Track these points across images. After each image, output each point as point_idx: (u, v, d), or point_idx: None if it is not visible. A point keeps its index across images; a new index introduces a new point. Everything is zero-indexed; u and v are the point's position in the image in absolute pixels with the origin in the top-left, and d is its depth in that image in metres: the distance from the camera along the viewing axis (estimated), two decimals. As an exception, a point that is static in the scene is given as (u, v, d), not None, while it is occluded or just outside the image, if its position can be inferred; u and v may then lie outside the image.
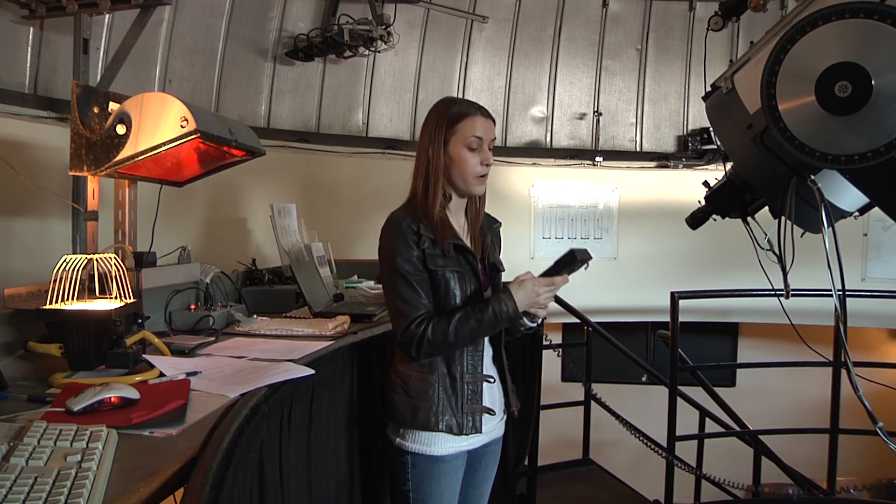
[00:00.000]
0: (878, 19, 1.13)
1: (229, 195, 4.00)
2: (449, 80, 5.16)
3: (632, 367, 4.04)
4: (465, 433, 1.66)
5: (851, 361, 1.42)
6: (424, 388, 1.66)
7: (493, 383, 1.74)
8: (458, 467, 1.73)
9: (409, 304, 1.62)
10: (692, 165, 5.26)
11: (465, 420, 1.66)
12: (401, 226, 1.64)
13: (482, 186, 1.72)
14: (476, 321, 1.60)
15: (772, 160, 1.34)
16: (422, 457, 1.67)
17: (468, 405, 1.67)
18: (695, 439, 3.55)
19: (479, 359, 1.70)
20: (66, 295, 1.62)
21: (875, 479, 5.71)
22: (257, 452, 1.28)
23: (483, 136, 1.68)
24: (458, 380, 1.67)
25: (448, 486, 1.71)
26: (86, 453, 1.03)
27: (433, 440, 1.66)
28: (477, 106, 1.72)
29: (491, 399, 1.73)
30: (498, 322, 1.61)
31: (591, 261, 1.69)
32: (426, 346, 1.60)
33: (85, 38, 2.74)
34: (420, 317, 1.61)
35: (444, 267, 1.65)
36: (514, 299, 1.60)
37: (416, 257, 1.63)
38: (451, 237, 1.67)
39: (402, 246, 1.63)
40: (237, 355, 1.82)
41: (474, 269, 1.70)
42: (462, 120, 1.68)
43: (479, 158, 1.68)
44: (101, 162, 1.90)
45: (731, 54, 4.96)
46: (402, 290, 1.62)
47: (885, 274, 4.92)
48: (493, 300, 1.61)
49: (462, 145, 1.67)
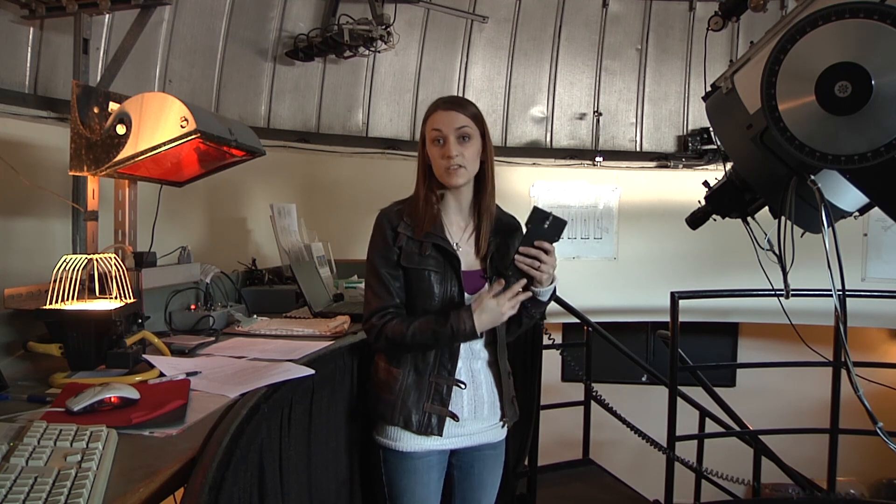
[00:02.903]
0: (878, 19, 1.13)
1: (229, 195, 4.00)
2: (449, 80, 5.16)
3: (632, 367, 4.04)
4: (422, 433, 1.66)
5: (851, 361, 1.42)
6: (389, 380, 1.70)
7: (463, 389, 1.70)
8: (430, 466, 1.72)
9: (376, 296, 1.69)
10: (692, 165, 5.26)
11: (423, 419, 1.66)
12: (382, 222, 1.72)
13: (454, 178, 1.66)
14: (433, 332, 1.61)
15: (772, 160, 1.33)
16: (390, 451, 1.71)
17: (429, 405, 1.67)
18: (695, 439, 3.55)
19: (451, 361, 1.68)
20: (66, 295, 1.62)
21: (875, 479, 5.71)
22: (257, 452, 1.28)
23: (443, 128, 1.65)
24: (425, 377, 1.68)
25: (420, 483, 1.71)
26: (86, 453, 1.03)
27: (398, 436, 1.69)
28: (442, 100, 1.71)
29: (475, 402, 1.71)
30: (455, 337, 1.61)
31: (564, 225, 1.63)
32: (383, 340, 1.66)
33: (85, 38, 2.75)
34: (383, 310, 1.67)
35: (419, 265, 1.66)
36: (473, 319, 1.59)
37: (393, 254, 1.68)
38: (433, 235, 1.67)
39: (378, 241, 1.71)
40: (237, 355, 1.82)
41: (456, 271, 1.67)
42: (428, 118, 1.70)
43: (441, 152, 1.66)
44: (101, 162, 1.90)
45: (731, 54, 4.96)
46: (373, 283, 1.71)
47: (885, 274, 4.92)
48: (452, 316, 1.60)
49: (429, 141, 1.68)
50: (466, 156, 1.66)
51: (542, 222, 1.62)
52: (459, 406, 1.70)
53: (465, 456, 1.77)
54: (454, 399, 1.69)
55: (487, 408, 1.74)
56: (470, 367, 1.73)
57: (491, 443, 1.79)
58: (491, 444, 1.79)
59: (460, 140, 1.65)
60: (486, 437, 1.77)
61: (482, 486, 1.83)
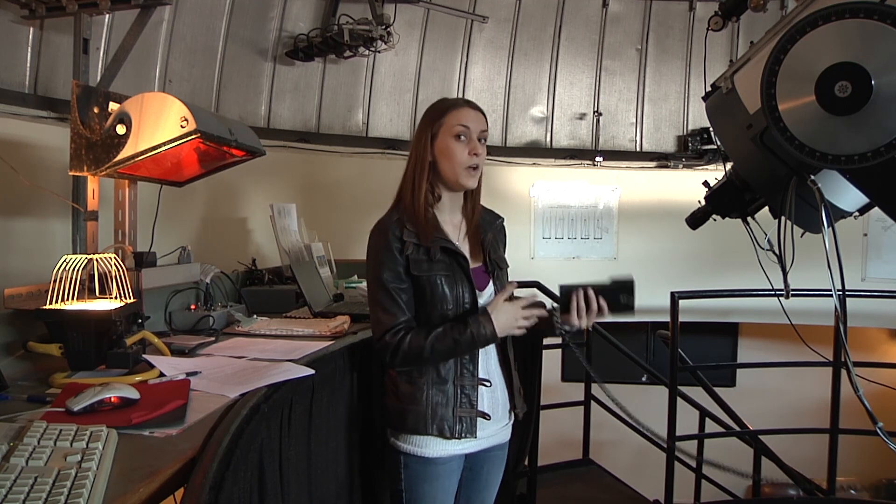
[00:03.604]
0: (878, 19, 1.13)
1: (229, 195, 4.00)
2: (449, 80, 5.16)
3: (632, 367, 4.03)
4: (457, 437, 1.64)
5: (851, 361, 1.41)
6: (413, 392, 1.65)
7: (489, 387, 1.69)
8: (452, 471, 1.70)
9: (387, 313, 1.62)
10: (692, 165, 5.25)
11: (456, 424, 1.64)
12: (386, 233, 1.64)
13: (472, 179, 1.67)
14: (453, 340, 1.58)
15: (772, 160, 1.33)
16: (413, 458, 1.66)
17: (461, 409, 1.65)
18: (695, 439, 3.55)
19: (472, 363, 1.67)
20: (66, 295, 1.62)
21: (875, 479, 5.71)
22: (257, 452, 1.28)
23: (470, 126, 1.64)
24: (450, 384, 1.65)
25: (441, 489, 1.69)
26: (86, 453, 1.03)
27: (424, 442, 1.65)
28: (465, 100, 1.72)
29: (492, 403, 1.70)
30: (475, 343, 1.60)
31: (627, 311, 1.66)
32: (401, 357, 1.60)
33: (85, 38, 2.74)
34: (397, 327, 1.61)
35: (429, 272, 1.63)
36: (493, 323, 1.58)
37: (400, 266, 1.62)
38: (439, 238, 1.65)
39: (385, 255, 1.63)
40: (237, 355, 1.82)
41: (465, 270, 1.66)
42: (449, 112, 1.67)
43: (468, 148, 1.64)
44: (101, 162, 1.90)
45: (731, 54, 4.96)
46: (382, 300, 1.63)
47: (885, 274, 4.92)
48: (472, 322, 1.59)
49: (449, 136, 1.64)
50: (484, 159, 1.68)
51: (622, 293, 1.68)
52: (481, 408, 1.69)
53: (478, 458, 1.76)
54: (479, 400, 1.68)
55: (501, 408, 1.75)
56: (487, 369, 1.72)
57: (500, 444, 1.80)
58: (500, 444, 1.80)
59: (481, 143, 1.67)
60: (497, 439, 1.77)
61: (488, 487, 1.83)
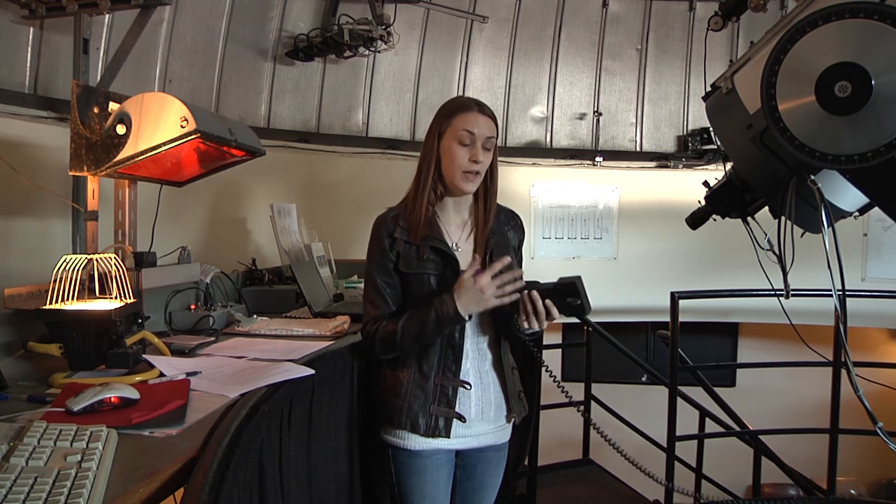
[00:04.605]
0: (878, 19, 1.13)
1: (229, 195, 4.00)
2: (449, 81, 5.16)
3: (632, 367, 4.03)
4: (429, 435, 1.66)
5: (851, 361, 1.41)
6: (395, 385, 1.70)
7: (468, 389, 1.69)
8: (440, 464, 1.71)
9: (371, 304, 1.70)
10: (692, 165, 5.25)
11: (430, 421, 1.66)
12: (379, 229, 1.70)
13: (470, 184, 1.66)
14: (420, 321, 1.59)
15: (772, 160, 1.33)
16: (400, 450, 1.71)
17: (436, 407, 1.66)
18: (695, 439, 3.55)
19: (456, 362, 1.67)
20: (66, 295, 1.62)
21: (875, 479, 5.71)
22: (257, 452, 1.28)
23: (475, 131, 1.64)
24: (431, 382, 1.67)
25: (429, 482, 1.70)
26: (86, 453, 1.03)
27: (405, 435, 1.69)
28: (479, 103, 1.70)
29: (483, 404, 1.71)
30: (441, 322, 1.58)
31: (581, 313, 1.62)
32: (378, 343, 1.66)
33: (85, 38, 2.75)
34: (377, 318, 1.67)
35: (417, 269, 1.65)
36: (455, 300, 1.56)
37: (389, 262, 1.67)
38: (430, 238, 1.66)
39: (375, 250, 1.70)
40: (237, 355, 1.82)
41: (455, 272, 1.65)
42: (458, 114, 1.66)
43: (470, 154, 1.63)
44: (101, 162, 1.90)
45: (731, 54, 4.96)
46: (369, 293, 1.72)
47: (885, 274, 4.92)
48: (435, 300, 1.59)
49: (453, 138, 1.64)
50: (486, 165, 1.67)
51: (569, 296, 1.62)
52: (467, 407, 1.70)
53: (470, 457, 1.77)
54: (462, 400, 1.69)
55: (494, 409, 1.74)
56: (479, 369, 1.72)
57: (495, 445, 1.79)
58: (495, 445, 1.79)
59: (485, 149, 1.66)
60: (491, 439, 1.77)
61: (483, 488, 1.83)
